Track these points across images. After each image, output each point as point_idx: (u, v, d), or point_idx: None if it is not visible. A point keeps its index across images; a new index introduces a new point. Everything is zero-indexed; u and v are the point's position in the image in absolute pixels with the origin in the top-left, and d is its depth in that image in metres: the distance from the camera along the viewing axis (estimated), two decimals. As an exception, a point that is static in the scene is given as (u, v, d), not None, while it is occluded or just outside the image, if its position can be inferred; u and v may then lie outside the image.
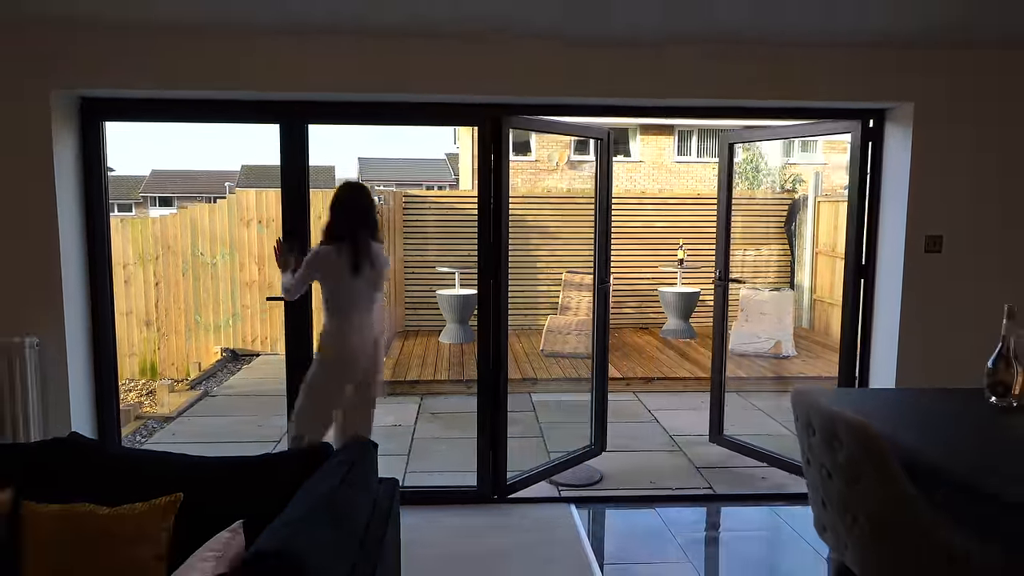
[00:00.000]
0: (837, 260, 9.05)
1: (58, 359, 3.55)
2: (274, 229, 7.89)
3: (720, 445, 4.88)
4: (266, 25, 3.41)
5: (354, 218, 3.33)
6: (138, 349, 8.31)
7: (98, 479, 2.20)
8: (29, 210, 3.48)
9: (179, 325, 8.35)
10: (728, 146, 4.79)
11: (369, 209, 3.44)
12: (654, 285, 9.34)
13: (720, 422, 4.92)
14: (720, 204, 4.92)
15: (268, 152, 52.27)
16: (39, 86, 3.41)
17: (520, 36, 3.55)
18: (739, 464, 4.78)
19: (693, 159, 18.71)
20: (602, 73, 3.66)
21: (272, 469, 2.32)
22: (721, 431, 4.92)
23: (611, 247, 4.39)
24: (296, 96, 3.66)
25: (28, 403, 3.45)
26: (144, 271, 8.24)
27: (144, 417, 5.90)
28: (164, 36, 3.43)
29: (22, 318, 3.50)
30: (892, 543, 1.87)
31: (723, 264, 4.91)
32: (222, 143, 62.53)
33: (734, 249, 9.60)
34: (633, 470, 4.66)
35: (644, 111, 4.13)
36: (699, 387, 6.74)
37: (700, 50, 3.64)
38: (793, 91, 3.73)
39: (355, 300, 3.37)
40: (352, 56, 3.54)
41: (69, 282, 3.58)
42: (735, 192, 5.07)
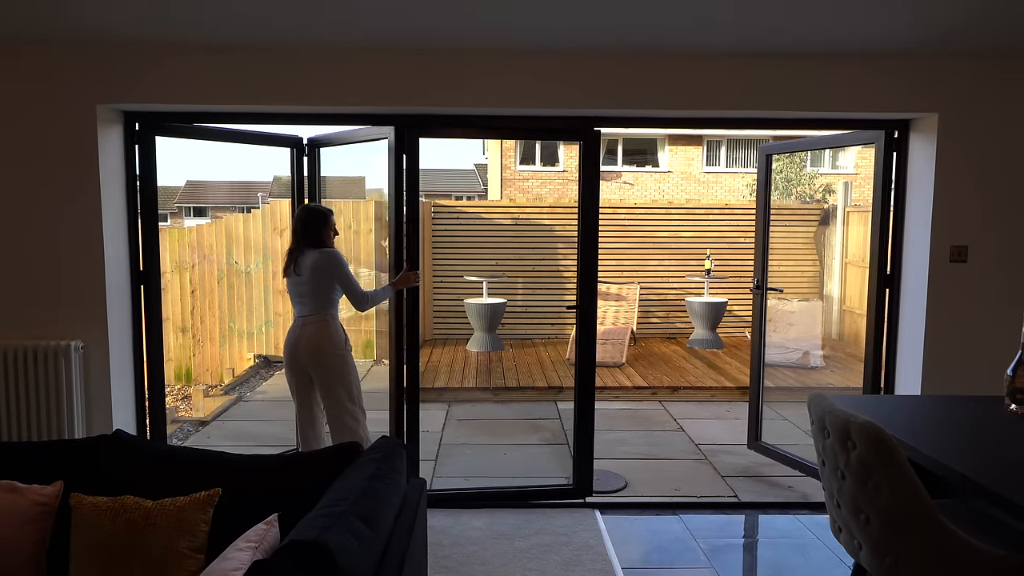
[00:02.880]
0: (866, 270, 8.97)
1: (101, 362, 3.70)
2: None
3: (757, 452, 4.95)
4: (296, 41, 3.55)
5: (293, 230, 3.82)
6: (174, 355, 8.52)
7: (142, 473, 2.32)
8: (76, 220, 3.64)
9: (214, 332, 8.55)
10: (765, 157, 4.85)
11: (302, 223, 3.76)
12: (681, 295, 9.35)
13: (758, 429, 4.97)
14: (758, 214, 4.98)
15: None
16: (86, 100, 3.58)
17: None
18: (765, 473, 4.79)
19: (722, 169, 18.66)
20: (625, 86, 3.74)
21: (305, 465, 2.42)
22: (759, 437, 4.97)
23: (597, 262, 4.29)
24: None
25: (73, 404, 3.60)
26: (180, 279, 8.46)
27: (180, 420, 6.07)
28: (206, 53, 3.59)
29: (69, 323, 3.66)
30: (904, 543, 1.91)
31: (761, 273, 4.93)
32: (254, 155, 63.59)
33: (762, 259, 9.56)
34: (658, 477, 4.70)
35: (670, 122, 4.20)
36: (725, 397, 6.74)
37: (726, 63, 3.70)
38: (816, 102, 3.77)
39: (295, 303, 3.82)
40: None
41: (113, 289, 3.74)
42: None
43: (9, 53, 3.54)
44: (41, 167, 3.61)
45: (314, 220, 3.75)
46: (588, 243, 4.11)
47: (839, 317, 9.26)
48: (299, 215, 3.82)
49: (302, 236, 3.75)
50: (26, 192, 3.62)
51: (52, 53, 3.55)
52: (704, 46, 3.61)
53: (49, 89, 3.57)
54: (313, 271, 3.68)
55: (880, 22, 3.29)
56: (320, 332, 3.70)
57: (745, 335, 9.30)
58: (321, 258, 3.68)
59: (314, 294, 3.70)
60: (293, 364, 3.79)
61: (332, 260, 3.69)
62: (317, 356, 3.71)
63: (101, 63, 3.58)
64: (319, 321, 3.72)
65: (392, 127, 3.88)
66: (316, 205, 3.99)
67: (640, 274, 9.40)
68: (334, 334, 3.72)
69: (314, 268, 3.68)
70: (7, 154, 3.60)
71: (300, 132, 4.37)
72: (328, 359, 3.71)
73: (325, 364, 3.72)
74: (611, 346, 7.80)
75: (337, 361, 3.72)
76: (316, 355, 3.71)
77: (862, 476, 1.97)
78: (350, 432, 3.72)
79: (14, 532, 2.17)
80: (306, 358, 3.73)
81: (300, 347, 3.73)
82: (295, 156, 4.45)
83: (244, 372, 8.10)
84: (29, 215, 3.63)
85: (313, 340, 3.70)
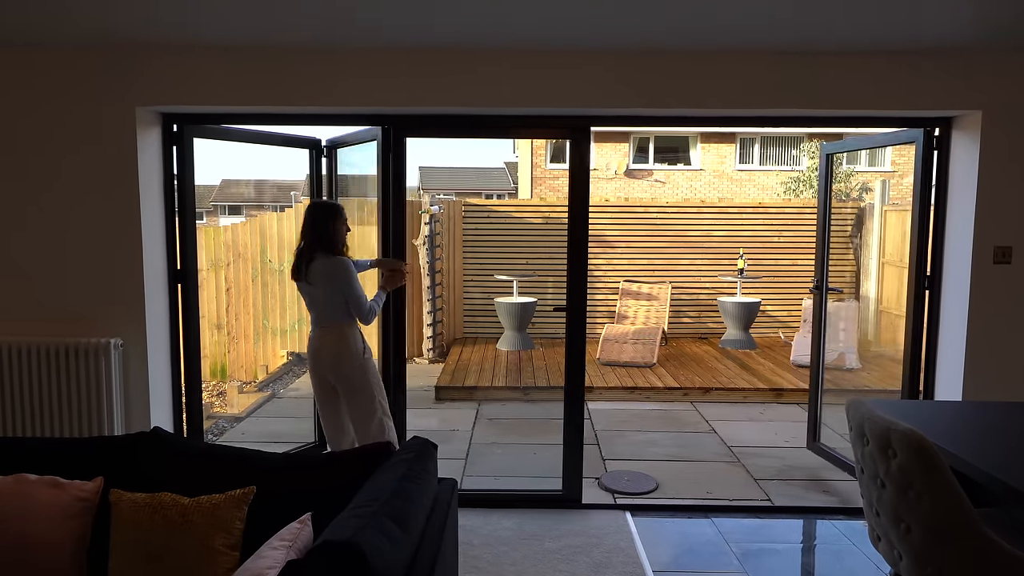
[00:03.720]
0: (904, 271, 8.79)
1: (140, 360, 3.78)
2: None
3: (815, 453, 4.92)
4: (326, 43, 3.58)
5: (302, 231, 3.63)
6: (209, 352, 8.66)
7: (179, 471, 2.36)
8: (116, 220, 3.72)
9: (248, 329, 8.67)
10: (826, 157, 4.79)
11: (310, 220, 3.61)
12: (713, 295, 9.25)
13: (816, 429, 4.94)
14: (819, 214, 4.97)
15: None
16: (125, 103, 3.65)
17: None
18: (799, 477, 4.72)
19: (755, 167, 18.42)
20: (658, 84, 3.70)
21: (338, 465, 2.44)
22: (817, 438, 4.93)
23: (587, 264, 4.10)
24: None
25: (113, 400, 3.68)
26: (216, 277, 8.59)
27: (216, 416, 6.17)
28: (240, 55, 3.64)
29: (108, 320, 3.74)
30: (946, 554, 1.86)
31: (821, 273, 4.87)
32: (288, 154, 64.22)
33: (797, 258, 9.42)
34: (689, 480, 4.66)
35: (706, 121, 4.15)
36: (759, 398, 6.66)
37: (765, 60, 3.65)
38: (854, 100, 3.70)
39: (308, 309, 3.76)
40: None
41: (151, 287, 3.81)
42: (800, 200, 5.02)
43: (52, 59, 3.62)
44: (82, 169, 3.69)
45: (322, 216, 3.59)
46: (578, 244, 4.04)
47: (875, 318, 9.09)
48: (306, 212, 3.64)
49: (312, 235, 3.57)
50: (68, 193, 3.70)
51: (92, 58, 3.63)
52: (737, 44, 3.56)
53: (90, 93, 3.65)
54: (323, 281, 3.55)
55: (923, 19, 3.21)
56: (338, 342, 3.59)
57: (779, 335, 9.18)
58: (330, 268, 3.54)
59: (326, 303, 3.59)
60: (314, 372, 3.72)
61: (341, 271, 3.53)
62: (336, 367, 3.61)
63: (140, 67, 3.64)
64: (335, 330, 3.60)
65: (379, 127, 3.94)
66: (324, 200, 3.82)
67: (672, 274, 9.31)
68: (352, 344, 3.60)
69: (324, 278, 3.55)
70: (50, 157, 3.69)
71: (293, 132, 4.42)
72: (347, 370, 3.61)
73: (345, 376, 3.62)
74: (642, 346, 7.75)
75: (357, 372, 3.61)
76: (335, 366, 3.61)
77: (903, 485, 1.93)
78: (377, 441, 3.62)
79: (56, 527, 2.22)
80: (326, 369, 3.65)
81: (319, 357, 3.65)
82: (313, 157, 4.54)
83: (277, 369, 8.21)
84: (71, 216, 3.71)
85: (332, 350, 3.60)
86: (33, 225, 3.72)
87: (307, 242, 3.59)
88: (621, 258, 9.36)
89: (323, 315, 3.63)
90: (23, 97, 3.65)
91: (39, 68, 3.63)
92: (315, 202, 3.79)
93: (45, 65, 3.63)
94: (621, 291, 9.01)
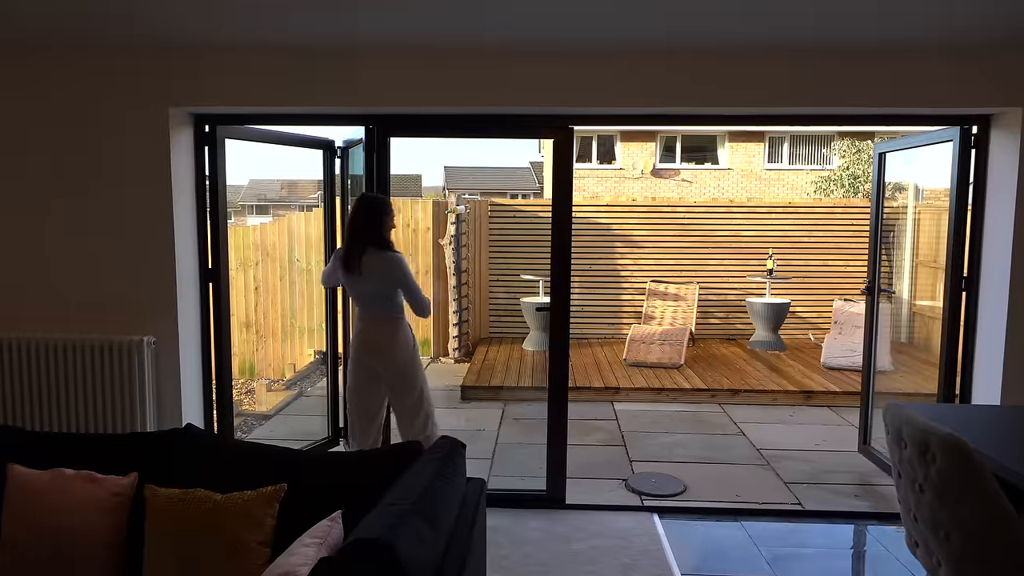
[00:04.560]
0: (939, 271, 8.62)
1: (172, 357, 3.83)
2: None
3: (865, 456, 4.83)
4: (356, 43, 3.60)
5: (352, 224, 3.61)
6: (238, 350, 8.76)
7: (212, 467, 2.38)
8: (149, 220, 3.77)
9: (276, 328, 8.76)
10: (879, 156, 4.71)
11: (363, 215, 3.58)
12: (742, 295, 9.15)
13: (868, 432, 4.85)
14: (872, 214, 4.87)
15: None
16: (159, 104, 3.70)
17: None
18: (829, 481, 4.65)
19: (784, 166, 18.21)
20: (685, 83, 3.66)
21: (368, 464, 2.44)
22: (868, 441, 4.84)
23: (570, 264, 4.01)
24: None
25: (145, 397, 3.73)
26: (245, 276, 8.69)
27: (245, 414, 6.24)
28: (270, 57, 3.67)
29: (141, 318, 3.79)
30: (987, 561, 1.81)
31: (873, 275, 4.81)
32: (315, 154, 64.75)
33: (827, 258, 9.28)
34: (718, 482, 4.61)
35: (739, 120, 4.10)
36: (788, 400, 6.57)
37: (799, 58, 3.60)
38: (888, 97, 3.63)
39: (355, 301, 3.73)
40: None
41: (183, 286, 3.86)
42: (830, 200, 4.94)
43: (88, 64, 3.69)
44: (116, 169, 3.75)
45: (376, 211, 3.56)
46: (561, 244, 3.99)
47: (908, 319, 8.93)
48: (357, 207, 3.58)
49: (364, 230, 3.54)
50: (103, 194, 3.76)
51: (127, 59, 3.68)
52: (768, 41, 3.51)
53: (124, 94, 3.70)
54: (379, 276, 3.54)
55: (960, 14, 3.14)
56: (394, 332, 3.57)
57: (809, 337, 9.06)
58: (387, 263, 3.52)
59: (378, 296, 3.59)
60: (359, 361, 3.65)
61: (399, 266, 3.54)
62: (389, 357, 3.58)
63: (172, 69, 3.69)
64: (389, 321, 3.58)
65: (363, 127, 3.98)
66: (374, 195, 3.78)
67: (699, 274, 9.23)
68: (404, 335, 3.59)
69: (380, 273, 3.53)
70: (85, 158, 3.75)
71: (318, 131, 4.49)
72: (400, 361, 3.59)
73: (398, 366, 3.59)
74: (669, 347, 7.69)
75: (411, 366, 3.60)
76: (388, 356, 3.58)
77: (942, 490, 1.88)
78: (424, 436, 3.58)
79: (93, 521, 2.25)
80: (376, 358, 3.60)
81: (369, 346, 3.60)
82: (327, 158, 4.64)
83: (304, 368, 8.28)
84: (105, 216, 3.77)
85: (385, 342, 3.57)
86: (69, 224, 3.79)
87: (357, 236, 3.56)
88: (648, 258, 9.29)
89: (374, 306, 3.61)
90: (61, 99, 3.71)
91: (75, 71, 3.69)
92: (367, 197, 3.69)
93: (81, 70, 3.69)
94: (648, 291, 8.95)
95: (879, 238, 4.82)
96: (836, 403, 6.54)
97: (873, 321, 4.87)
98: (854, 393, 6.57)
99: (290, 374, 8.32)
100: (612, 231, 9.27)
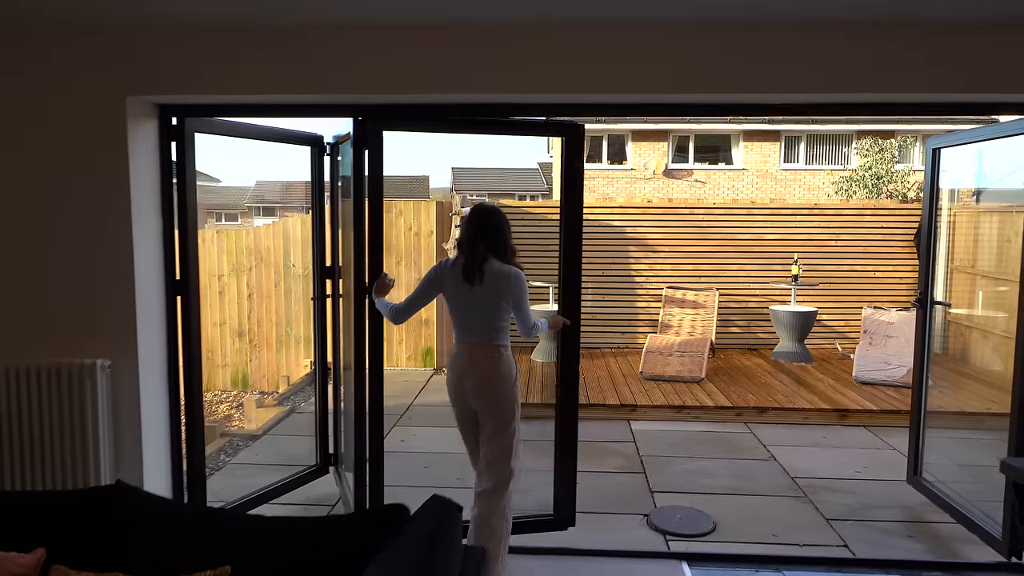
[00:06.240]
0: (978, 278, 8.08)
1: (130, 383, 3.34)
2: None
3: (916, 488, 4.28)
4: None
5: (474, 233, 3.22)
6: (231, 360, 8.31)
7: (141, 541, 1.89)
8: (104, 225, 3.28)
9: (271, 337, 8.29)
10: (932, 152, 4.16)
11: (491, 226, 3.24)
12: (765, 303, 8.62)
13: (918, 461, 4.30)
14: (924, 217, 4.33)
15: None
16: (114, 92, 3.21)
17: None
18: (877, 517, 4.13)
19: (801, 166, 17.64)
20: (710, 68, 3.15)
21: (342, 533, 1.95)
22: (918, 471, 4.30)
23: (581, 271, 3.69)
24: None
25: (99, 431, 3.24)
26: (238, 282, 8.23)
27: (229, 434, 5.76)
28: (245, 37, 3.18)
29: (95, 338, 3.31)
30: None
31: (926, 284, 4.27)
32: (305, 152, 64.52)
33: (856, 263, 8.73)
34: (752, 519, 4.09)
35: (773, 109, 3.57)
36: (820, 419, 6.04)
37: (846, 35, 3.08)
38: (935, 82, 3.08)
39: (460, 321, 3.25)
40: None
41: (144, 301, 3.37)
42: (859, 202, 4.41)
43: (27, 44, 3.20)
44: (65, 168, 3.26)
45: (502, 221, 3.24)
46: (571, 250, 3.57)
47: (944, 329, 8.38)
48: (486, 217, 3.24)
49: (492, 241, 3.19)
50: (46, 197, 3.27)
51: (76, 40, 3.19)
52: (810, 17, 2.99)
53: (73, 81, 3.21)
54: (498, 289, 3.16)
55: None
56: (496, 362, 3.19)
57: (836, 347, 8.51)
58: (512, 277, 3.18)
59: (493, 314, 3.18)
60: (462, 397, 3.26)
61: (520, 282, 3.20)
62: (494, 392, 3.19)
63: (132, 50, 3.20)
64: (498, 350, 3.20)
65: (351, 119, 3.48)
66: (492, 205, 3.44)
67: (719, 280, 8.70)
68: (508, 366, 3.21)
69: (501, 286, 3.16)
70: (22, 158, 3.26)
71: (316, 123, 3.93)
72: (499, 398, 3.19)
73: (502, 402, 3.19)
74: (689, 359, 7.16)
75: (510, 402, 3.21)
76: (492, 390, 3.19)
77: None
78: (511, 478, 3.26)
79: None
80: (479, 392, 3.20)
81: (472, 378, 3.20)
82: (315, 155, 4.19)
83: (300, 380, 7.80)
84: (50, 223, 3.28)
85: (493, 372, 3.18)
86: (10, 233, 3.30)
87: (478, 245, 3.18)
88: (664, 262, 8.77)
89: (480, 329, 3.20)
90: None
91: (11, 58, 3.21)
92: (494, 209, 3.36)
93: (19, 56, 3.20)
94: (664, 298, 8.43)
95: (933, 244, 4.28)
96: (873, 422, 6.00)
97: (925, 338, 4.34)
98: (893, 412, 6.04)
99: (284, 387, 7.85)
100: (626, 234, 8.75)
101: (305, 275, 8.22)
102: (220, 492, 4.54)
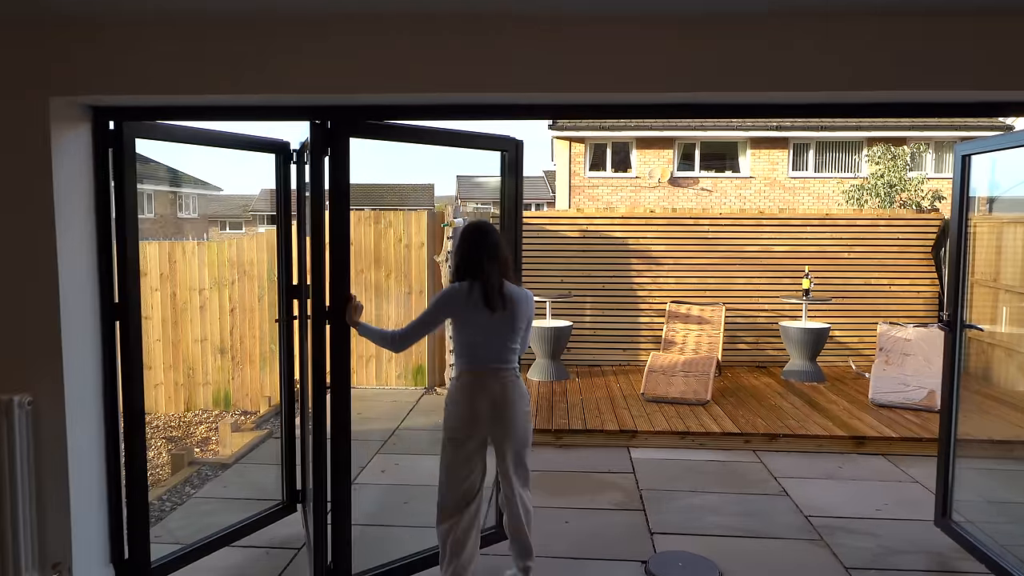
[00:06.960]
0: (1001, 292, 7.63)
1: (55, 423, 2.94)
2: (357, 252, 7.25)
3: (945, 533, 3.85)
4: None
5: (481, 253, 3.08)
6: (212, 378, 7.92)
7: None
8: (21, 245, 2.89)
9: (254, 354, 7.90)
10: (961, 159, 3.74)
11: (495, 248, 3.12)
12: (774, 318, 8.18)
13: (947, 501, 3.88)
14: (954, 230, 3.89)
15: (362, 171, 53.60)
16: (34, 93, 2.83)
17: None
18: (903, 566, 3.71)
19: (810, 174, 17.22)
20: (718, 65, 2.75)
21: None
22: (948, 512, 3.87)
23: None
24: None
25: (16, 476, 2.84)
26: (220, 296, 7.85)
27: (198, 462, 5.35)
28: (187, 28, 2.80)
29: (13, 371, 2.91)
30: None
31: (956, 304, 3.84)
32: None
33: (871, 276, 8.28)
34: (763, 568, 3.67)
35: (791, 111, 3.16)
36: (835, 447, 5.60)
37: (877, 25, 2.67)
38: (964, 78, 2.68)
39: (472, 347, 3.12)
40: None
41: (72, 327, 2.97)
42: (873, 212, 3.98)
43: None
44: (-20, 178, 2.88)
45: (502, 242, 3.14)
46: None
47: (964, 346, 7.91)
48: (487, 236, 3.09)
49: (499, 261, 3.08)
50: (-37, 209, 2.89)
51: (-6, 34, 2.82)
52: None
53: (-12, 79, 2.84)
54: (521, 312, 3.11)
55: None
56: (515, 387, 3.14)
57: (849, 364, 8.06)
58: (530, 299, 3.19)
59: (511, 338, 3.12)
60: (478, 425, 3.11)
61: (532, 304, 3.22)
62: (515, 416, 3.13)
63: (56, 45, 2.82)
64: (513, 375, 3.15)
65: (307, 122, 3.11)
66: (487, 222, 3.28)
67: (726, 294, 8.27)
68: (523, 389, 3.19)
69: (521, 310, 3.11)
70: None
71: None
72: (524, 422, 3.16)
73: (519, 429, 3.15)
74: (694, 379, 6.72)
75: (530, 427, 3.22)
76: (515, 414, 3.12)
77: None
78: (528, 510, 3.26)
79: None
80: (500, 418, 3.10)
81: (494, 404, 3.09)
82: (281, 163, 3.84)
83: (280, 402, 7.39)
84: (-33, 238, 2.90)
85: (516, 395, 3.13)
86: (-77, 250, 2.92)
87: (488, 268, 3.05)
88: (668, 276, 8.34)
89: (501, 352, 3.12)
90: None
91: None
92: (484, 224, 3.20)
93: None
94: (668, 313, 8.00)
95: (964, 259, 3.85)
96: (892, 450, 5.56)
97: (955, 366, 3.91)
98: (914, 440, 5.59)
99: (266, 408, 7.44)
100: (628, 245, 8.33)
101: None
102: (178, 532, 4.15)
